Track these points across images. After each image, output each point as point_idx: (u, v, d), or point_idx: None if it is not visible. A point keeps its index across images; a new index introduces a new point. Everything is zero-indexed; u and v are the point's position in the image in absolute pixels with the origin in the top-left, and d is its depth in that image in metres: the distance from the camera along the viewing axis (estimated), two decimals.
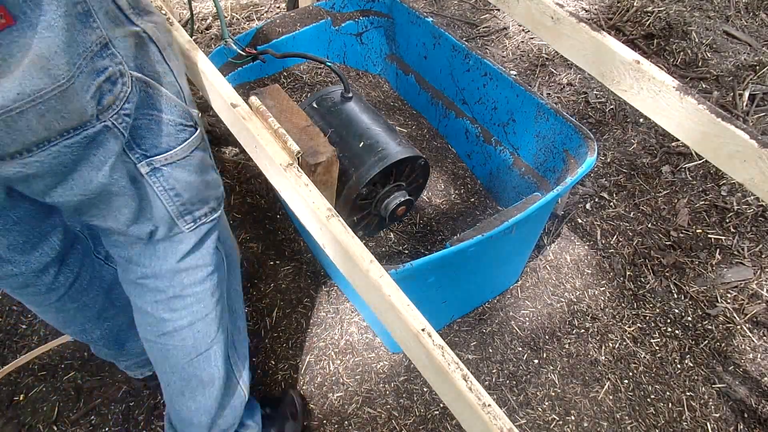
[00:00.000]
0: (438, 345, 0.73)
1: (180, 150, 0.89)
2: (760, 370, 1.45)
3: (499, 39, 2.32)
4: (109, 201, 0.84)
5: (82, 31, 0.69)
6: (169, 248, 0.97)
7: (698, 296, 1.57)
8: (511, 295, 1.58)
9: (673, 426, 1.36)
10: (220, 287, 1.08)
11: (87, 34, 0.70)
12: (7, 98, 0.65)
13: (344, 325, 1.51)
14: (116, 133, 0.79)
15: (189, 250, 0.99)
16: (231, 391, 1.16)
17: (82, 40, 0.70)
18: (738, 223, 1.71)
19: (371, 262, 0.81)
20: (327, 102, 1.44)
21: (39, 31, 0.64)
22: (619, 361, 1.46)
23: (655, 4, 2.35)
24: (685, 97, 0.98)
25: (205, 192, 0.97)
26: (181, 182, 0.91)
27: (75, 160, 0.76)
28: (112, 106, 0.77)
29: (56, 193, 0.78)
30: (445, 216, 1.59)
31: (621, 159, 1.89)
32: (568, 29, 1.14)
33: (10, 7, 0.60)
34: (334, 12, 1.72)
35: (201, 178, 0.95)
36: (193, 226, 0.97)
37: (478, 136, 1.62)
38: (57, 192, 0.78)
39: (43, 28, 0.64)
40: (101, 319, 1.14)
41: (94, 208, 0.85)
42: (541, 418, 1.37)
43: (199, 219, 0.97)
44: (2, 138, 0.68)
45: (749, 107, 2.00)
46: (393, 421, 1.36)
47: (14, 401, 1.38)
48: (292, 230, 1.70)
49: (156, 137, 0.86)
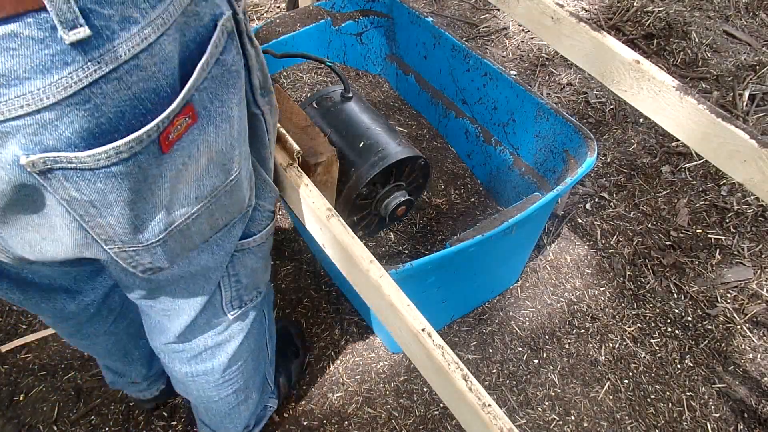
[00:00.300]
0: (438, 345, 0.73)
1: (259, 237, 0.84)
2: (760, 370, 1.45)
3: (499, 39, 2.32)
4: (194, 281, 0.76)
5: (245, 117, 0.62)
6: None
7: (698, 296, 1.57)
8: (511, 295, 1.58)
9: (673, 426, 1.36)
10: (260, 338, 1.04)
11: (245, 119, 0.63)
12: (186, 204, 0.57)
13: (344, 325, 1.51)
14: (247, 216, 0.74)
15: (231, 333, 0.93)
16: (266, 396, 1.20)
17: (245, 127, 0.62)
18: (738, 223, 1.71)
19: (371, 262, 0.81)
20: (327, 102, 1.44)
21: (217, 124, 0.55)
22: (619, 361, 1.46)
23: (655, 4, 2.35)
24: (685, 97, 0.98)
25: (262, 276, 0.92)
26: (247, 268, 0.85)
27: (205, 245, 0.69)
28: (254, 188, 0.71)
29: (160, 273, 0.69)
30: (445, 216, 1.59)
31: (621, 159, 1.89)
32: (568, 29, 1.14)
33: (195, 103, 0.52)
34: (334, 12, 1.71)
35: (264, 264, 0.90)
36: (238, 312, 0.90)
37: (478, 136, 1.62)
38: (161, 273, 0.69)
39: (221, 121, 0.56)
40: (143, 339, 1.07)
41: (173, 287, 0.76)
42: (541, 418, 1.37)
43: (245, 303, 0.91)
44: (175, 249, 0.61)
45: (749, 107, 2.00)
46: (393, 421, 1.36)
47: (14, 401, 1.38)
48: (292, 230, 1.70)
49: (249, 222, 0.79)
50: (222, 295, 0.85)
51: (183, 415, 1.36)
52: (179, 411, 1.37)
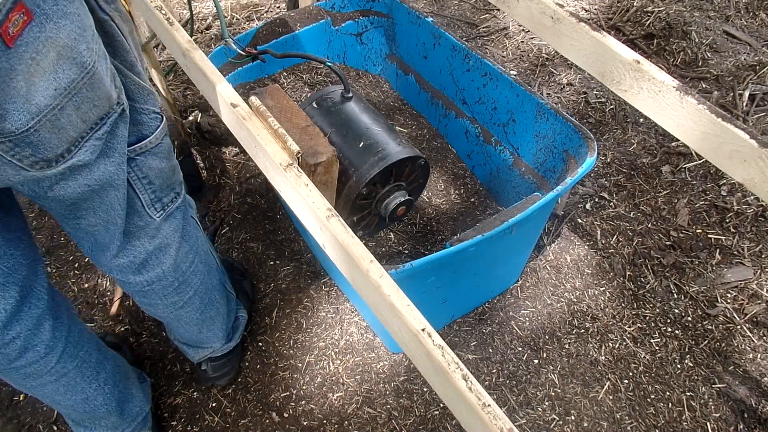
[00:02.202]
0: (438, 345, 0.73)
1: (153, 138, 0.89)
2: (760, 370, 1.45)
3: (499, 39, 2.32)
4: (106, 193, 0.83)
5: (86, 14, 0.68)
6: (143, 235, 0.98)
7: (698, 296, 1.57)
8: (511, 295, 1.58)
9: (673, 426, 1.36)
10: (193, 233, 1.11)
11: (88, 15, 0.69)
12: (47, 96, 0.64)
13: (344, 325, 1.51)
14: (125, 117, 0.79)
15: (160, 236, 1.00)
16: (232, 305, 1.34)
17: (89, 24, 0.69)
18: (738, 223, 1.71)
19: (371, 262, 0.81)
20: (327, 102, 1.44)
21: (56, 21, 0.62)
22: (619, 361, 1.46)
23: (655, 4, 2.35)
24: (685, 97, 0.98)
25: (172, 177, 0.98)
26: (153, 170, 0.91)
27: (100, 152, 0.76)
28: (121, 89, 0.77)
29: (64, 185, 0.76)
30: (445, 216, 1.59)
31: (621, 159, 1.89)
32: (568, 29, 1.14)
33: (26, 1, 0.59)
34: (334, 12, 1.71)
35: (169, 163, 0.96)
36: (163, 214, 0.98)
37: (478, 136, 1.62)
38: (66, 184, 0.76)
39: (58, 18, 0.62)
40: (100, 377, 1.08)
41: (89, 202, 0.83)
42: (541, 418, 1.37)
43: (167, 205, 0.98)
44: (51, 140, 0.67)
45: (749, 107, 2.00)
46: (393, 421, 1.36)
47: (14, 401, 1.38)
48: (292, 230, 1.70)
49: (132, 126, 0.85)
50: (141, 200, 0.92)
51: (183, 415, 1.36)
52: (179, 411, 1.37)
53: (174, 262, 1.04)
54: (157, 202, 0.95)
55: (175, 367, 1.43)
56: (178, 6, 2.43)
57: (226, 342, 1.32)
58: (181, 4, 2.45)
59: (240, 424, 1.35)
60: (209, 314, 1.21)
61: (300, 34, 1.66)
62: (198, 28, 2.32)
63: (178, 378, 1.42)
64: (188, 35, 1.07)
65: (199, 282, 1.14)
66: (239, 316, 1.38)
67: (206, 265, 1.16)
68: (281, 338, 1.48)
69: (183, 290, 1.10)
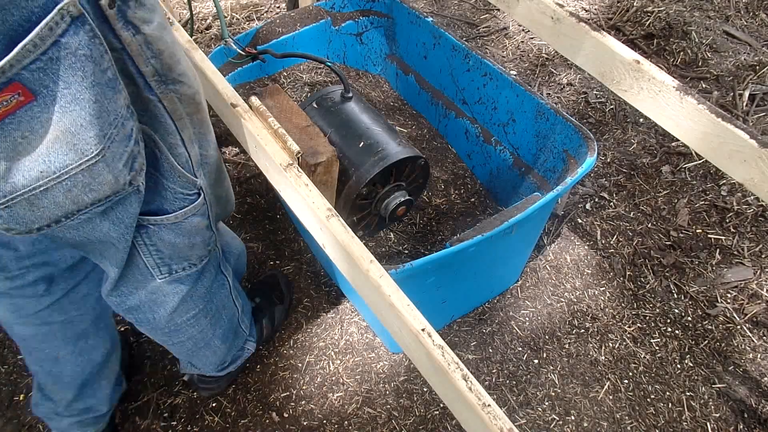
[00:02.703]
0: (438, 345, 0.73)
1: (173, 216, 0.84)
2: (760, 370, 1.45)
3: (499, 39, 2.32)
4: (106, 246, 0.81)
5: (113, 98, 0.63)
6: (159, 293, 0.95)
7: (698, 296, 1.57)
8: (511, 295, 1.58)
9: (673, 426, 1.36)
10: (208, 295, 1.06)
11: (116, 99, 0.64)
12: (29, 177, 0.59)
13: (344, 325, 1.51)
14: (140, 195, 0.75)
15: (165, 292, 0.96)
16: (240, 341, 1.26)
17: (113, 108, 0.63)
18: (738, 223, 1.71)
19: (371, 262, 0.81)
20: (327, 102, 1.44)
21: (64, 105, 0.58)
22: (619, 361, 1.46)
23: (655, 4, 2.35)
24: (685, 97, 0.98)
25: (188, 252, 0.93)
26: (165, 242, 0.87)
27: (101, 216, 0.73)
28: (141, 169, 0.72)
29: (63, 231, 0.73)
30: (445, 216, 1.59)
31: (621, 159, 1.89)
32: (568, 29, 1.14)
33: (27, 82, 0.55)
34: (334, 12, 1.71)
35: (188, 240, 0.90)
36: (168, 278, 0.93)
37: (478, 136, 1.62)
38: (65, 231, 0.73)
39: (67, 102, 0.58)
40: (77, 348, 1.07)
41: (90, 246, 0.80)
42: (541, 418, 1.37)
43: (176, 271, 0.94)
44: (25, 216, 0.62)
45: (749, 107, 2.00)
46: (393, 421, 1.36)
47: (14, 401, 1.38)
48: (292, 230, 1.70)
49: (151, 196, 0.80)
50: (144, 261, 0.88)
51: (183, 415, 1.36)
52: (179, 411, 1.37)
53: (168, 315, 0.99)
54: (164, 266, 0.91)
55: (175, 367, 1.43)
56: (178, 6, 2.43)
57: (219, 371, 1.26)
58: (181, 4, 2.45)
59: (240, 424, 1.35)
60: (203, 353, 1.15)
61: (300, 34, 1.66)
62: (198, 28, 2.32)
63: (178, 378, 1.41)
64: (188, 35, 1.07)
65: (197, 332, 1.08)
66: (245, 348, 1.30)
67: (214, 318, 1.09)
68: (281, 338, 1.48)
69: (174, 335, 1.06)
